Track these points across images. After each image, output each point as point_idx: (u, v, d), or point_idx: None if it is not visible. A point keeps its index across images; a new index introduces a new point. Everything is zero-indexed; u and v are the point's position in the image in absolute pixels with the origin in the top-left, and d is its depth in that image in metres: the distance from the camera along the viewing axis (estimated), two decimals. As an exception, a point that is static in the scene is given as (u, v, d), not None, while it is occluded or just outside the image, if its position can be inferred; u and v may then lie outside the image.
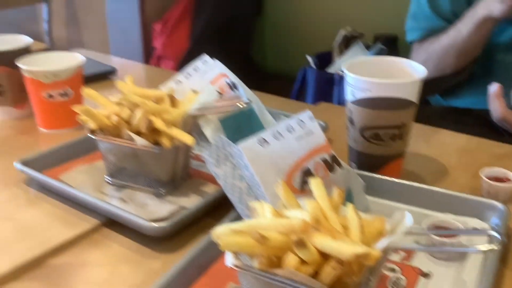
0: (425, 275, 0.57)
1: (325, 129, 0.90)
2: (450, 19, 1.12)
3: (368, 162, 0.74)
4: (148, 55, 1.97)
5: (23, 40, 0.94)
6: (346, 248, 0.41)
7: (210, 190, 0.72)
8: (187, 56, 1.80)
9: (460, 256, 0.58)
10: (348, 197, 0.67)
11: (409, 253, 0.60)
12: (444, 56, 1.11)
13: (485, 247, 0.40)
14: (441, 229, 0.61)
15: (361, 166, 0.75)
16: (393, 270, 0.57)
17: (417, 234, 0.61)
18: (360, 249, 0.40)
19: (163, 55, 1.82)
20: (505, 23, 1.07)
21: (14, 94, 0.93)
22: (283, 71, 2.02)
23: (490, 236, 0.45)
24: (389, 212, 0.67)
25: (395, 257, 0.59)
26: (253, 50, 2.07)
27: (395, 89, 0.68)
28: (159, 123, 0.66)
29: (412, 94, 0.70)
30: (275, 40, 2.04)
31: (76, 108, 0.67)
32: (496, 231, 0.43)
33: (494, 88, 0.96)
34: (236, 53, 1.91)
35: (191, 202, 0.68)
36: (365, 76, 0.70)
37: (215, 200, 0.68)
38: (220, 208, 0.68)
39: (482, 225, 0.64)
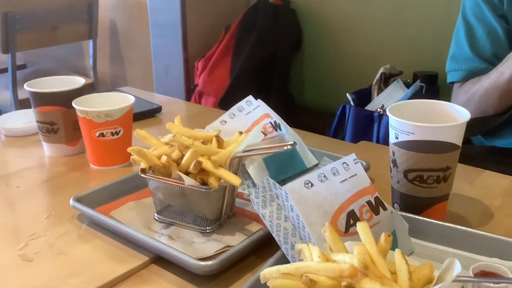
0: (473, 321, 0.56)
1: (366, 169, 0.91)
2: (491, 61, 1.12)
3: (412, 204, 0.74)
4: (189, 91, 2.03)
5: (78, 81, 1.00)
6: (395, 295, 0.42)
7: (254, 228, 0.73)
8: (227, 92, 1.84)
9: (508, 303, 0.58)
10: (393, 240, 0.67)
11: (455, 298, 0.59)
12: (486, 97, 1.11)
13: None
14: (488, 275, 0.60)
15: (404, 208, 0.75)
16: (439, 315, 0.57)
17: (465, 281, 0.60)
18: (410, 296, 0.41)
19: (204, 91, 1.88)
20: None
21: (67, 132, 0.98)
22: (322, 107, 2.04)
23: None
24: (434, 255, 0.68)
25: (441, 302, 0.59)
26: (292, 86, 2.11)
27: (439, 133, 0.69)
28: (207, 164, 0.68)
29: (456, 138, 0.70)
30: (314, 76, 2.07)
31: (130, 149, 0.70)
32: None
33: None
34: (275, 89, 1.95)
35: (236, 240, 0.70)
36: (408, 118, 0.71)
37: (260, 239, 0.69)
38: (264, 247, 0.69)
39: (531, 271, 0.63)
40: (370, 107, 1.55)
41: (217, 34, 2.01)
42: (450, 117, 0.74)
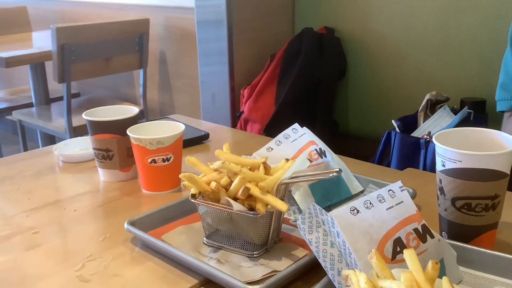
0: None
1: (413, 196, 0.91)
2: None
3: (460, 232, 0.74)
4: (235, 118, 2.07)
5: (132, 110, 1.05)
6: (443, 322, 0.42)
7: (301, 254, 0.74)
8: (272, 119, 1.87)
9: None
10: (441, 268, 0.66)
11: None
12: None
13: None
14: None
15: (452, 236, 0.75)
16: None
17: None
18: (457, 324, 0.41)
19: (249, 118, 1.91)
20: None
21: (121, 158, 1.03)
22: (366, 134, 2.03)
23: None
24: (483, 284, 0.67)
25: (492, 332, 0.58)
26: (336, 114, 2.12)
27: (486, 161, 0.69)
28: (255, 190, 0.71)
29: (505, 165, 0.70)
30: (359, 103, 2.07)
31: (182, 176, 0.74)
32: None
33: None
34: (320, 117, 1.96)
35: (283, 265, 0.71)
36: (455, 146, 0.71)
37: (306, 264, 0.71)
38: (311, 272, 0.70)
39: None
40: (416, 133, 1.54)
41: (263, 63, 2.06)
42: (498, 145, 0.74)
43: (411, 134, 1.55)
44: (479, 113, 1.55)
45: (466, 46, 1.74)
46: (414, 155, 1.45)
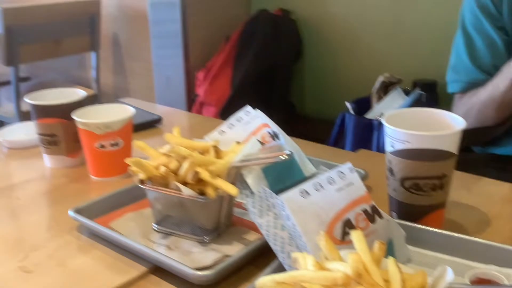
0: (469, 329, 0.56)
1: (364, 177, 0.91)
2: (491, 72, 1.13)
3: (409, 212, 0.74)
4: (191, 102, 2.04)
5: (78, 93, 1.01)
6: (387, 302, 0.42)
7: (252, 238, 0.73)
8: (228, 102, 1.85)
9: (505, 310, 0.58)
10: (389, 248, 0.67)
11: (452, 306, 0.60)
12: (484, 109, 1.11)
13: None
14: (484, 282, 0.60)
15: (401, 216, 0.75)
16: (436, 323, 0.57)
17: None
18: (401, 304, 0.41)
19: (205, 101, 1.89)
20: None
21: (68, 144, 0.99)
22: (323, 116, 2.05)
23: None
24: (431, 263, 0.68)
25: (438, 310, 0.59)
26: (293, 95, 2.12)
27: (434, 141, 0.70)
28: (205, 174, 0.69)
29: (452, 146, 0.71)
30: (314, 85, 2.08)
31: (128, 160, 0.71)
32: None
33: None
34: (276, 99, 1.96)
35: (234, 250, 0.70)
36: (404, 127, 0.71)
37: (257, 248, 0.70)
38: (262, 256, 0.70)
39: (528, 278, 0.63)
40: (369, 115, 1.56)
41: (218, 45, 2.03)
42: (446, 125, 0.75)
43: (365, 116, 1.56)
44: (430, 94, 1.58)
45: (418, 29, 1.76)
46: (368, 136, 1.47)
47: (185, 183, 0.71)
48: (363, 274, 0.46)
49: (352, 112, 1.53)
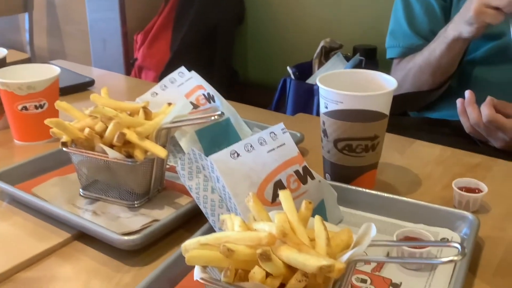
0: (395, 285, 0.57)
1: (300, 140, 0.90)
2: (428, 37, 1.14)
3: (341, 173, 0.74)
4: (129, 66, 1.96)
5: (-1, 52, 0.94)
6: (310, 260, 0.41)
7: (184, 202, 0.71)
8: (168, 66, 1.80)
9: (430, 266, 0.59)
10: (321, 209, 0.67)
11: (380, 264, 0.60)
12: (420, 74, 1.13)
13: (447, 258, 0.41)
14: (412, 240, 0.61)
15: (335, 177, 0.75)
16: (364, 281, 0.58)
17: (384, 246, 0.61)
18: (324, 261, 0.40)
19: (144, 65, 1.82)
20: (481, 39, 1.09)
21: (-12, 106, 0.92)
22: (265, 82, 2.03)
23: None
24: (362, 222, 0.67)
25: (367, 268, 0.60)
26: (235, 61, 2.08)
27: (366, 101, 0.69)
28: (131, 136, 0.66)
29: (384, 106, 0.71)
30: (257, 50, 2.05)
31: (47, 121, 0.67)
32: (459, 243, 0.43)
33: (467, 95, 0.98)
34: (218, 63, 1.92)
35: (164, 214, 0.68)
36: (338, 88, 0.70)
37: (188, 212, 0.68)
38: (194, 220, 0.68)
39: (453, 235, 0.65)
40: (310, 80, 1.55)
41: (157, 7, 1.95)
42: (379, 86, 0.74)
43: (306, 81, 1.56)
44: (370, 60, 1.59)
45: (360, -6, 1.76)
46: (308, 101, 1.47)
47: (111, 146, 0.67)
48: (288, 233, 0.45)
49: (293, 77, 1.52)
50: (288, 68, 1.57)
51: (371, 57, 1.61)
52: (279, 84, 1.60)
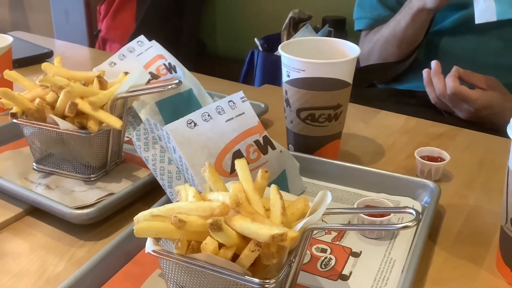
0: (355, 254, 0.56)
1: (265, 111, 0.89)
2: (395, 8, 1.12)
3: (305, 143, 0.73)
4: (93, 37, 1.90)
5: None
6: (263, 229, 0.40)
7: (142, 175, 0.69)
8: (132, 38, 1.73)
9: (390, 235, 0.59)
10: (283, 179, 0.66)
11: (341, 233, 0.60)
12: (387, 46, 1.12)
13: (401, 224, 0.40)
14: (372, 208, 0.61)
15: (298, 148, 0.74)
16: (324, 250, 0.57)
17: (343, 213, 0.61)
18: (276, 230, 0.39)
19: (108, 37, 1.77)
20: (447, 9, 1.08)
21: None
22: (234, 54, 1.99)
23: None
24: (324, 193, 0.67)
25: (327, 237, 0.59)
26: (203, 32, 2.04)
27: (328, 69, 0.68)
28: (84, 106, 0.63)
29: (347, 74, 0.69)
30: (225, 22, 2.01)
31: (-6, 90, 0.63)
32: (414, 209, 0.42)
33: (433, 65, 0.97)
34: (185, 35, 1.87)
35: (121, 187, 0.66)
36: (301, 56, 0.68)
37: (146, 185, 0.66)
38: (152, 193, 0.66)
39: (414, 203, 0.64)
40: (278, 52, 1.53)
41: (121, -24, 1.88)
42: (342, 54, 0.73)
43: (275, 53, 1.53)
44: (339, 31, 1.57)
45: (329, -36, 1.73)
46: (277, 73, 1.44)
47: (64, 117, 0.64)
48: (242, 203, 0.44)
49: (260, 48, 1.49)
50: (255, 39, 1.54)
51: (340, 28, 1.59)
52: (246, 56, 1.57)
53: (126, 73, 0.72)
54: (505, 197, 0.50)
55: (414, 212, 0.41)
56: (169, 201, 0.60)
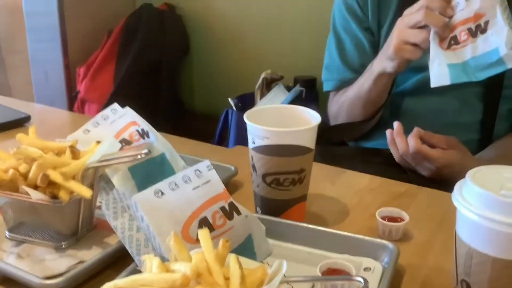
0: (318, 318, 0.58)
1: (234, 174, 0.92)
2: (359, 71, 1.18)
3: (271, 206, 0.76)
4: (72, 99, 1.94)
5: None
6: (220, 301, 0.42)
7: (113, 241, 0.71)
8: (111, 99, 1.79)
9: (351, 298, 0.61)
10: (249, 243, 0.68)
11: (304, 297, 0.62)
12: (352, 107, 1.17)
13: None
14: (334, 273, 0.63)
15: (265, 211, 0.77)
16: (288, 316, 0.59)
17: (294, 281, 0.62)
18: (232, 302, 0.41)
19: (86, 98, 1.81)
20: (408, 71, 1.14)
21: None
22: (210, 112, 2.05)
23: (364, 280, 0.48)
24: (290, 255, 0.70)
25: (291, 302, 0.61)
26: (182, 92, 2.10)
27: (291, 137, 0.71)
28: (56, 176, 0.65)
29: (308, 141, 0.73)
30: (202, 81, 2.07)
31: (-32, 164, 0.65)
32: (363, 277, 0.45)
33: (395, 126, 1.02)
34: (163, 95, 1.92)
35: (91, 254, 0.67)
36: (266, 124, 0.72)
37: (116, 251, 0.67)
38: (122, 259, 0.67)
39: (375, 264, 0.67)
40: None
41: (100, 39, 1.95)
42: (304, 121, 0.77)
43: (249, 112, 1.58)
44: (310, 90, 1.64)
45: (298, 27, 1.82)
46: (250, 132, 1.48)
47: (36, 187, 0.66)
48: (203, 274, 0.46)
49: (234, 108, 1.54)
50: (229, 99, 1.59)
51: (311, 88, 1.65)
52: (221, 116, 1.62)
53: (98, 142, 0.75)
54: (454, 260, 0.53)
55: (362, 280, 0.44)
56: (137, 269, 0.62)
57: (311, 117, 0.77)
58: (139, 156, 0.68)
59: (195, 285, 0.45)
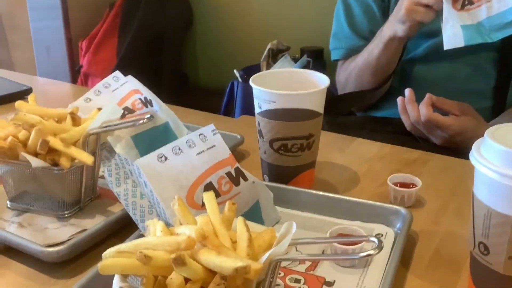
0: (329, 283, 0.56)
1: (240, 142, 0.90)
2: (368, 38, 1.15)
3: (279, 173, 0.74)
4: (75, 73, 1.91)
5: None
6: (227, 262, 0.40)
7: (116, 209, 0.69)
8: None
9: (363, 263, 0.59)
10: (256, 210, 0.66)
11: (314, 263, 0.60)
12: (361, 74, 1.14)
13: (364, 253, 0.40)
14: (343, 237, 0.61)
15: (273, 178, 0.75)
16: (298, 281, 0.57)
17: (313, 243, 0.61)
18: (239, 263, 0.39)
19: (90, 72, 1.78)
20: (419, 37, 1.10)
21: None
22: (215, 85, 2.02)
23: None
24: (300, 223, 0.67)
25: (301, 267, 0.59)
26: (186, 66, 2.06)
27: (299, 100, 0.69)
28: (56, 143, 0.63)
29: (317, 104, 0.70)
30: (207, 54, 2.04)
31: (-36, 130, 0.63)
32: (377, 237, 0.43)
33: (407, 93, 0.99)
34: (166, 68, 1.89)
35: (94, 223, 0.65)
36: (273, 88, 0.70)
37: (119, 220, 0.66)
38: (126, 227, 0.66)
39: (387, 230, 0.65)
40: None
41: (101, 13, 1.91)
42: (313, 84, 0.74)
43: (254, 84, 1.55)
44: (317, 61, 1.60)
45: (305, -3, 1.77)
46: (256, 104, 1.46)
47: (36, 154, 0.64)
48: (209, 236, 0.44)
49: (240, 80, 1.51)
50: (235, 71, 1.56)
51: (318, 58, 1.62)
52: (226, 88, 1.59)
53: (100, 109, 0.72)
54: (472, 222, 0.51)
55: (376, 240, 0.42)
56: (142, 235, 0.60)
57: (319, 80, 0.74)
58: (142, 121, 0.65)
59: (200, 248, 0.43)
